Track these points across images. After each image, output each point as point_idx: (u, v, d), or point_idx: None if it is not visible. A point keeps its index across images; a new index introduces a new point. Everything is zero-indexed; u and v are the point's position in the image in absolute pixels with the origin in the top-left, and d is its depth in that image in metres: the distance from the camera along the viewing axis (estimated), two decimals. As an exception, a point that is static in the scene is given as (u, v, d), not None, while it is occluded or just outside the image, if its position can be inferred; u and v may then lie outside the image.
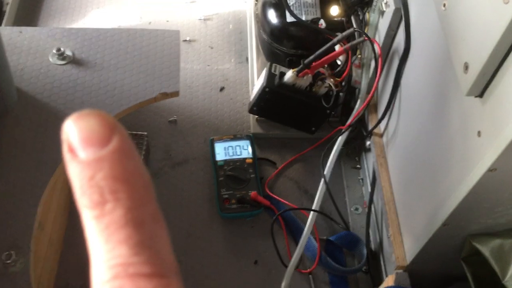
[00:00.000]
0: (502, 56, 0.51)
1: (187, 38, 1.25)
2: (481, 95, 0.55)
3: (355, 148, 1.08)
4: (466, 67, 0.55)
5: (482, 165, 0.55)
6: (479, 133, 0.56)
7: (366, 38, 0.85)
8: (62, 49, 0.95)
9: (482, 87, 0.54)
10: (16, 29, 1.00)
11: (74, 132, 0.15)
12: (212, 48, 1.24)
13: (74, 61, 0.96)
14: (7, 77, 0.85)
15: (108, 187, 0.15)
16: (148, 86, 0.95)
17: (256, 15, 1.14)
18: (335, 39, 0.87)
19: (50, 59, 0.95)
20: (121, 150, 0.15)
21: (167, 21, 1.29)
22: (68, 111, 0.91)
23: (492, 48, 0.50)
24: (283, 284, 0.87)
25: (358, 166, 1.07)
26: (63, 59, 0.95)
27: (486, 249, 0.67)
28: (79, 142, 0.15)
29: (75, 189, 0.15)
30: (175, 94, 0.96)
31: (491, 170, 0.55)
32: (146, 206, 0.15)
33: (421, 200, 0.75)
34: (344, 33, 0.87)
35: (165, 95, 0.95)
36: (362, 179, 1.05)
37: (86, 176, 0.15)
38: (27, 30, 1.00)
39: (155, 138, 1.08)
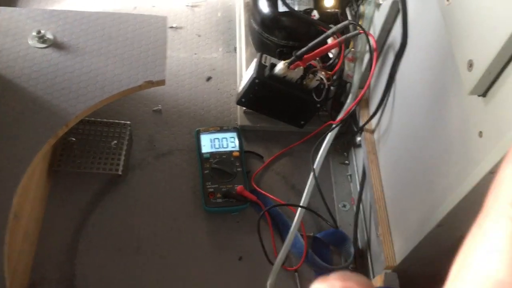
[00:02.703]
0: (510, 55, 0.48)
1: (174, 25, 1.21)
2: (484, 94, 0.53)
3: (344, 144, 1.06)
4: (470, 64, 0.53)
5: (483, 166, 0.53)
6: (480, 134, 0.54)
7: (361, 31, 0.83)
8: (42, 31, 0.90)
9: (487, 86, 0.52)
10: (-7, 8, 0.94)
11: None
12: (199, 36, 1.21)
13: (55, 44, 0.91)
14: (-17, 59, 0.80)
15: None
16: (132, 73, 0.91)
17: (246, 4, 1.11)
18: (329, 31, 0.85)
19: (30, 42, 0.90)
20: None
21: (153, 6, 1.25)
22: (48, 97, 0.87)
23: (501, 46, 0.47)
24: (268, 282, 0.85)
25: (346, 161, 1.05)
26: (44, 42, 0.90)
27: (479, 251, 0.66)
28: None
29: None
30: (161, 82, 0.92)
31: (492, 172, 0.53)
32: None
33: (414, 200, 0.73)
34: (339, 25, 0.84)
35: (151, 84, 0.91)
36: (350, 175, 1.03)
37: None
38: (6, 10, 0.94)
39: (138, 128, 1.04)
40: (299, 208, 0.89)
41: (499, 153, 0.51)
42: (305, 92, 0.95)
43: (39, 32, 0.90)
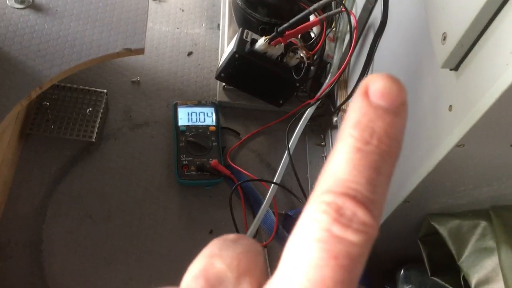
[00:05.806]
0: (482, 28, 0.49)
1: (158, -2, 1.20)
2: (456, 68, 0.54)
3: (321, 125, 1.06)
4: (444, 37, 0.53)
5: (450, 140, 0.54)
6: (450, 108, 0.55)
7: (343, 9, 0.83)
8: (20, -9, 0.88)
9: (459, 59, 0.52)
10: (-29, -35, 0.92)
11: (379, 83, 0.18)
12: (183, 10, 1.20)
13: (33, 6, 0.90)
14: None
15: (378, 134, 0.17)
16: (111, 40, 0.89)
17: (231, -20, 1.10)
18: (311, 8, 0.84)
19: (7, 2, 0.89)
20: (403, 117, 0.18)
21: (138, -22, 1.23)
22: (23, 58, 0.85)
23: (474, 17, 0.48)
24: (237, 255, 0.85)
25: (323, 143, 1.05)
26: (22, 2, 0.89)
27: (444, 229, 0.67)
28: (377, 91, 0.18)
29: (348, 117, 0.18)
30: (140, 51, 0.91)
31: (459, 145, 0.53)
32: (391, 165, 0.18)
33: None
34: (321, 2, 0.84)
35: (129, 51, 0.90)
36: (325, 156, 1.03)
37: (368, 115, 0.17)
38: (-17, -32, 0.92)
39: (115, 98, 1.03)
40: (272, 184, 0.89)
41: (466, 125, 0.51)
42: (284, 69, 0.95)
43: (17, -8, 0.88)
